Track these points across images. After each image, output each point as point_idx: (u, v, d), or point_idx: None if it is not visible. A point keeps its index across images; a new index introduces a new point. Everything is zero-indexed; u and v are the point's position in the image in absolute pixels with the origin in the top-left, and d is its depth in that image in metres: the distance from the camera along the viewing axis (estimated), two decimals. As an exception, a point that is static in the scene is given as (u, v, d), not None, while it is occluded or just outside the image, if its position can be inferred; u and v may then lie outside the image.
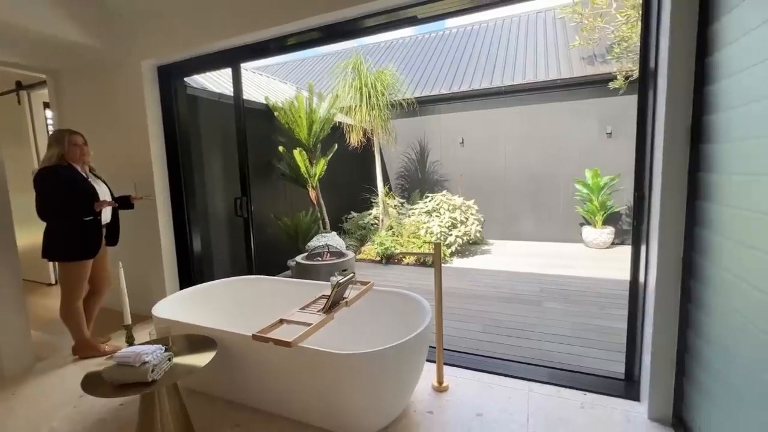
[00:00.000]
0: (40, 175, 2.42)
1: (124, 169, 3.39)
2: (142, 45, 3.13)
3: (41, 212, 2.43)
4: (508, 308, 3.65)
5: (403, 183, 7.93)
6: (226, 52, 3.01)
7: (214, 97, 4.13)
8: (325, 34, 2.66)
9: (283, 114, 4.91)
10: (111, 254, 2.90)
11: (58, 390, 2.32)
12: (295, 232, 4.65)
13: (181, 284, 3.52)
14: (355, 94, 6.06)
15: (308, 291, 2.52)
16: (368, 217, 6.74)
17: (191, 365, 1.61)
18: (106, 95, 3.40)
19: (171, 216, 3.45)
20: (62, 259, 2.54)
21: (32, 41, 2.91)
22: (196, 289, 2.66)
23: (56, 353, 2.83)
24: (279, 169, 5.11)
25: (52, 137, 2.58)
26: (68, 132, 2.56)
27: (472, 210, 6.13)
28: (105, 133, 3.46)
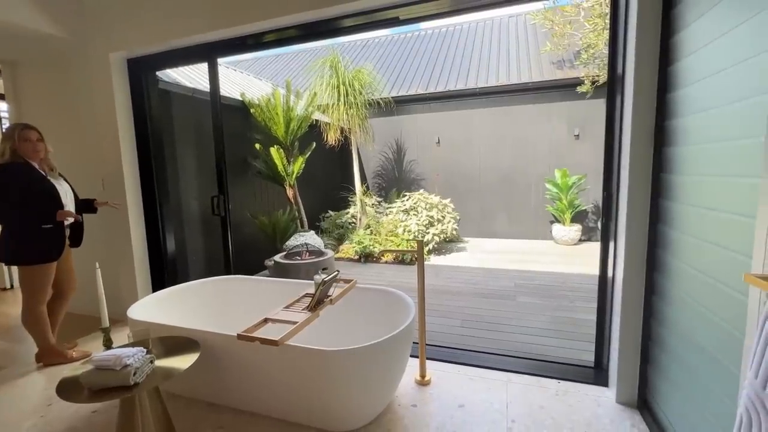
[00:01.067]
0: None
1: (91, 165, 3.23)
2: (110, 36, 2.99)
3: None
4: (486, 303, 3.77)
5: (380, 182, 7.97)
6: (202, 46, 2.93)
7: (188, 92, 4.00)
8: (303, 32, 2.65)
9: (259, 111, 4.82)
10: (80, 255, 2.76)
11: (23, 400, 2.19)
12: (272, 231, 4.58)
13: (153, 286, 3.40)
14: (333, 92, 6.03)
15: (290, 290, 2.51)
16: (346, 216, 6.73)
17: (173, 368, 1.58)
18: (71, 88, 3.22)
19: (142, 215, 3.32)
20: (23, 263, 2.39)
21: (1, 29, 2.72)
22: (173, 290, 2.58)
23: (17, 361, 2.67)
24: (255, 167, 5.02)
25: (5, 132, 2.41)
26: (20, 126, 2.38)
27: (449, 208, 6.26)
28: (69, 127, 3.28)
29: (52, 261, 2.44)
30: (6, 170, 2.28)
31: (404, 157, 7.72)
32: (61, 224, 2.46)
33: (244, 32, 2.72)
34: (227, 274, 3.19)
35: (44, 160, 2.46)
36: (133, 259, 3.24)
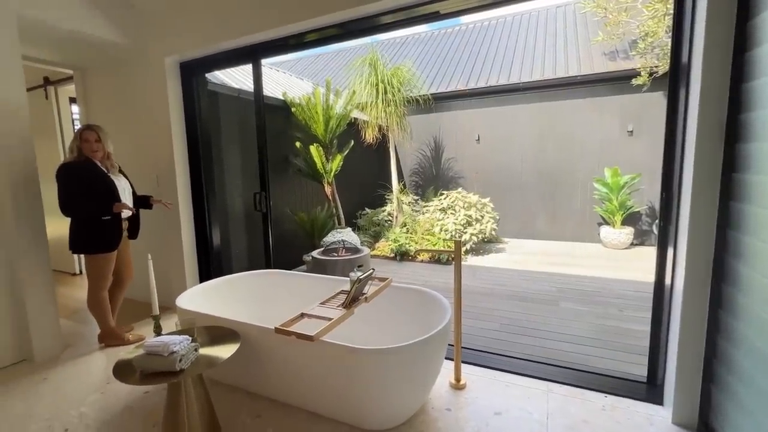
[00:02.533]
0: (59, 170, 2.49)
1: (147, 163, 3.47)
2: (165, 41, 3.18)
3: (60, 207, 2.50)
4: (525, 307, 3.62)
5: (417, 180, 7.91)
6: (246, 48, 3.04)
7: (234, 93, 4.18)
8: (343, 31, 2.67)
9: (300, 110, 4.94)
10: (136, 247, 2.98)
11: (86, 376, 2.40)
12: (311, 228, 4.69)
13: (200, 277, 3.59)
14: (371, 90, 6.05)
15: (326, 286, 2.55)
16: (382, 214, 6.75)
17: (215, 356, 1.65)
18: (131, 91, 3.47)
19: (191, 210, 3.52)
20: (87, 252, 2.62)
21: (60, 38, 3.00)
22: (218, 281, 2.71)
23: (83, 341, 2.93)
24: (295, 165, 5.15)
25: (75, 133, 2.65)
26: (82, 128, 2.61)
27: (488, 208, 6.08)
28: (129, 128, 3.55)
29: (111, 251, 2.65)
30: (71, 167, 2.51)
31: (442, 155, 7.60)
32: (118, 217, 2.66)
33: (286, 33, 2.79)
34: (267, 268, 3.31)
35: (105, 158, 2.66)
36: (182, 251, 3.45)
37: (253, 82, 3.17)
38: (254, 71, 3.15)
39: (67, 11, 2.75)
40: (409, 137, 6.65)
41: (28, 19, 2.57)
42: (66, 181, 2.48)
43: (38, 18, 2.60)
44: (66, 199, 2.49)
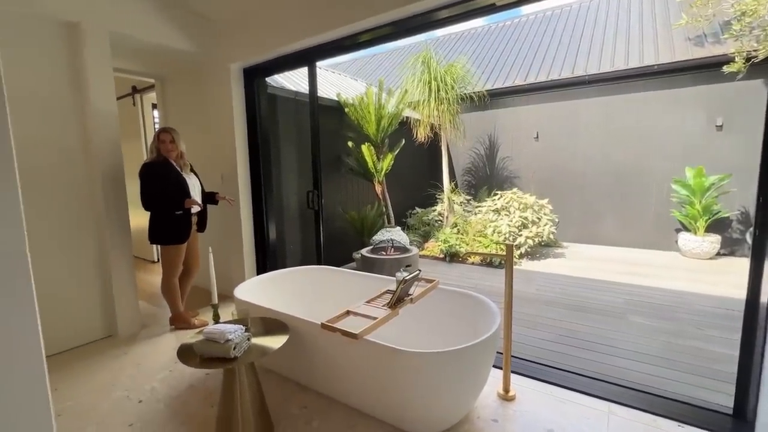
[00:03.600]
0: (141, 169, 2.80)
1: (214, 162, 3.76)
2: (231, 49, 3.42)
3: (142, 202, 2.81)
4: (585, 319, 3.35)
5: (470, 179, 7.69)
6: (302, 52, 3.16)
7: (291, 95, 4.37)
8: (397, 29, 2.65)
9: (353, 110, 5.03)
10: (203, 239, 3.25)
11: (158, 355, 2.67)
12: (361, 226, 4.77)
13: (257, 269, 3.82)
14: (424, 88, 5.99)
15: (373, 284, 2.56)
16: (432, 214, 6.66)
17: (266, 347, 1.73)
18: (201, 96, 3.78)
19: (251, 207, 3.75)
20: (162, 243, 2.91)
21: (145, 51, 3.35)
22: (272, 274, 2.86)
23: (157, 322, 3.26)
24: (347, 164, 5.26)
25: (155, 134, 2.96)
26: (159, 130, 2.90)
27: (546, 209, 5.72)
28: (199, 130, 3.87)
29: (182, 243, 2.92)
30: (150, 166, 2.81)
31: (497, 154, 7.30)
32: (188, 212, 2.92)
33: (341, 35, 2.85)
34: (318, 263, 3.42)
35: (178, 158, 2.93)
36: (242, 245, 3.69)
37: (308, 84, 3.29)
38: (309, 74, 3.27)
39: (151, 27, 3.07)
40: (462, 135, 6.48)
41: (119, 35, 2.90)
42: (146, 179, 2.78)
43: (127, 34, 2.93)
44: (146, 194, 2.78)
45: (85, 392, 2.23)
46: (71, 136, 2.74)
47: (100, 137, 2.80)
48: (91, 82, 2.73)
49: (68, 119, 2.72)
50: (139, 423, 1.95)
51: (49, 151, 2.64)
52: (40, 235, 2.60)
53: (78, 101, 2.75)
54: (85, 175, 2.81)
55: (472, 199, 7.06)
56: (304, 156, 4.57)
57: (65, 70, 2.69)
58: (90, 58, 2.71)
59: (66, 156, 2.72)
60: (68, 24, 2.67)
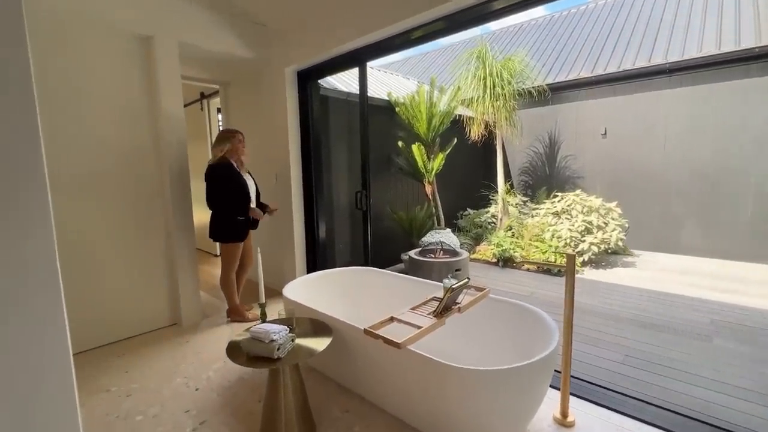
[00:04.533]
0: (208, 171, 2.98)
1: (269, 163, 3.92)
2: (286, 53, 3.53)
3: (208, 203, 3.01)
4: (660, 339, 2.96)
5: (527, 180, 7.26)
6: (354, 53, 3.16)
7: (342, 96, 4.42)
8: (451, 23, 2.53)
9: (403, 109, 4.97)
10: (258, 236, 3.41)
11: (215, 346, 2.83)
12: (409, 227, 4.70)
13: (307, 266, 3.92)
14: (478, 84, 5.74)
15: (420, 289, 2.48)
16: (485, 215, 6.38)
17: (310, 348, 1.73)
18: (258, 100, 3.96)
19: (302, 206, 3.85)
20: (222, 241, 3.09)
21: (210, 59, 3.58)
22: (320, 273, 2.89)
23: (217, 312, 3.47)
24: (397, 164, 5.22)
25: (221, 135, 3.12)
26: (235, 131, 3.12)
27: (614, 213, 5.20)
28: (256, 132, 4.06)
29: (241, 241, 3.09)
30: (215, 169, 3.00)
31: (558, 152, 6.80)
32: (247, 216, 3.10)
33: (392, 32, 2.79)
34: (365, 263, 3.42)
35: (239, 160, 3.12)
36: (293, 242, 3.80)
37: (358, 85, 3.29)
38: (359, 74, 3.26)
39: (215, 37, 3.26)
40: (519, 133, 6.12)
41: (187, 45, 3.12)
42: (212, 181, 2.99)
43: (194, 44, 3.14)
44: (212, 196, 3.00)
45: (150, 376, 2.43)
46: (143, 137, 3.00)
47: (169, 138, 3.03)
48: (162, 89, 2.96)
49: (141, 123, 2.98)
50: (195, 410, 2.07)
51: (124, 151, 2.91)
52: (114, 227, 2.88)
53: (150, 106, 3.01)
54: (154, 173, 3.06)
55: (529, 201, 6.66)
56: (354, 156, 4.60)
57: (140, 78, 2.95)
58: (161, 67, 2.95)
59: (138, 156, 2.98)
60: (143, 38, 2.92)
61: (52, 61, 2.55)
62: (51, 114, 2.55)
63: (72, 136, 2.66)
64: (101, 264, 2.83)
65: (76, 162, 2.68)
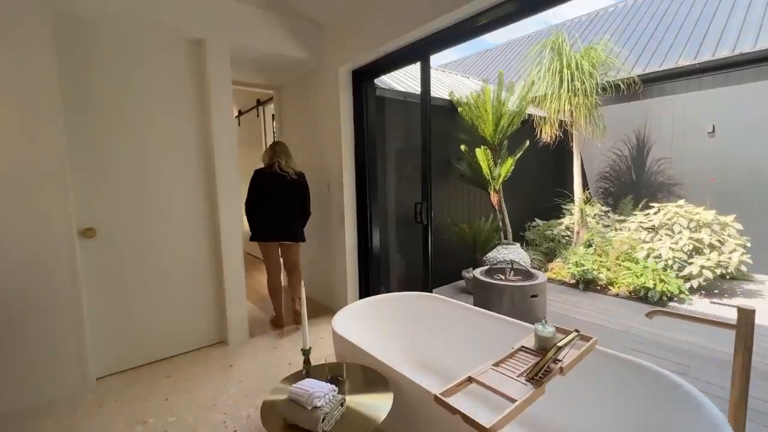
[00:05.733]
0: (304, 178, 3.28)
1: (322, 169, 3.65)
2: (340, 51, 3.23)
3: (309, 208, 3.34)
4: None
5: (606, 186, 6.32)
6: (414, 45, 2.77)
7: (400, 97, 4.04)
8: (521, 5, 2.08)
9: (467, 109, 4.47)
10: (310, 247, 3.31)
11: (259, 375, 2.56)
12: (472, 241, 4.17)
13: (359, 281, 3.57)
14: (553, 79, 5.05)
15: (496, 326, 2.00)
16: (558, 228, 5.61)
17: (364, 416, 1.34)
18: (311, 104, 3.72)
19: (356, 217, 3.52)
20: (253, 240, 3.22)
21: (263, 62, 3.39)
22: (375, 300, 2.51)
23: (264, 331, 3.26)
24: (458, 170, 4.71)
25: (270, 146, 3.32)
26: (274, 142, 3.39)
27: (731, 230, 4.21)
28: (310, 137, 3.83)
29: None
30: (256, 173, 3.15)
31: (648, 155, 5.82)
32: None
33: (457, 19, 2.38)
34: (425, 282, 2.99)
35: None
36: (345, 254, 3.48)
37: (420, 82, 2.87)
38: (422, 70, 2.84)
39: (267, 37, 3.06)
40: (602, 133, 5.28)
41: (240, 46, 2.94)
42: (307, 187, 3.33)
43: (247, 45, 2.95)
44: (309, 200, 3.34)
45: (190, 407, 2.20)
46: (194, 142, 2.85)
47: (221, 144, 2.85)
48: (212, 93, 2.80)
49: (191, 127, 2.84)
50: (230, 460, 1.77)
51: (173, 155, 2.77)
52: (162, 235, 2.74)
53: (201, 110, 2.85)
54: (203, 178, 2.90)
55: (611, 211, 5.75)
56: (412, 162, 4.19)
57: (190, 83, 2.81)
58: (213, 71, 2.78)
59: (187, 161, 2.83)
60: (195, 41, 2.78)
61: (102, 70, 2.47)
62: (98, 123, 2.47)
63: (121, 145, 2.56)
64: (151, 275, 2.70)
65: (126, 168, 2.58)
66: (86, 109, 2.43)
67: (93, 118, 2.45)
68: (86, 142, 2.43)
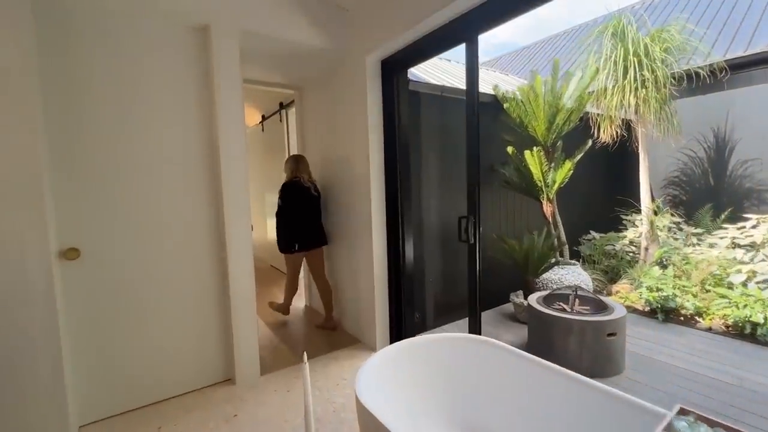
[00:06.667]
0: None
1: (347, 176, 3.18)
2: (366, 37, 2.74)
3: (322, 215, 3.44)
4: None
5: (676, 193, 5.42)
6: (458, 23, 2.23)
7: (437, 92, 3.49)
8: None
9: (513, 105, 3.84)
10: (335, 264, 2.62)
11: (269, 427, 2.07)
12: (524, 259, 3.51)
13: (390, 306, 3.03)
14: (614, 69, 4.32)
15: (590, 398, 1.39)
16: (620, 242, 4.81)
17: None
18: (334, 102, 3.26)
19: (385, 230, 2.99)
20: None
21: (280, 54, 2.97)
22: (410, 345, 1.94)
23: (279, 365, 2.78)
24: (503, 175, 4.07)
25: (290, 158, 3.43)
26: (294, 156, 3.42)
27: None
28: (332, 139, 3.36)
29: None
30: (286, 187, 3.25)
31: (730, 156, 4.90)
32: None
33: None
34: (472, 314, 2.41)
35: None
36: (373, 275, 2.95)
37: (465, 72, 2.31)
38: (468, 55, 2.28)
39: (283, 22, 2.63)
40: (676, 130, 4.46)
41: (251, 34, 2.51)
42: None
43: (259, 32, 2.53)
44: None
45: (175, 480, 1.74)
46: (198, 147, 2.44)
47: (227, 148, 2.42)
48: (219, 88, 2.37)
49: (196, 130, 2.43)
50: None
51: (174, 163, 2.37)
52: (159, 255, 2.33)
53: (206, 110, 2.45)
54: (208, 187, 2.48)
55: (684, 222, 4.89)
56: (449, 167, 3.62)
57: (194, 77, 2.40)
58: (219, 63, 2.36)
59: (190, 169, 2.42)
60: (198, 28, 2.38)
61: (91, 63, 2.10)
62: (86, 124, 2.10)
63: (112, 150, 2.18)
64: (145, 302, 2.29)
65: (117, 178, 2.20)
66: (72, 108, 2.06)
67: (80, 119, 2.09)
68: (71, 146, 2.06)
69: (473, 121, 2.31)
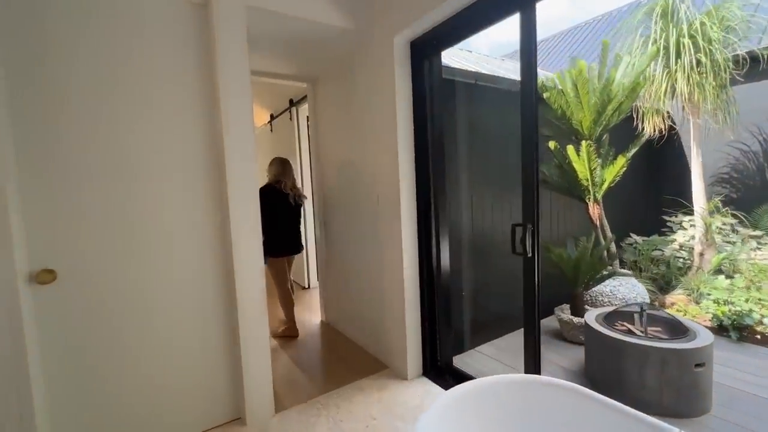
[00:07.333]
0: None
1: (368, 176, 2.77)
2: (393, 13, 2.34)
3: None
4: None
5: (727, 191, 4.91)
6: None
7: (470, 80, 3.06)
8: None
9: (554, 94, 3.40)
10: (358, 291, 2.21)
11: None
12: (573, 270, 3.06)
13: (422, 325, 2.61)
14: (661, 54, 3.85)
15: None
16: (670, 246, 4.33)
17: None
18: (355, 93, 2.86)
19: (416, 237, 2.58)
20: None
21: (294, 39, 2.58)
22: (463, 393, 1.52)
23: (294, 401, 2.37)
24: (542, 174, 3.62)
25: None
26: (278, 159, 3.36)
27: None
28: (351, 138, 2.97)
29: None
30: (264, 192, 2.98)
31: (791, 149, 4.39)
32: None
33: None
34: (527, 337, 2.01)
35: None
36: (403, 289, 2.54)
37: (520, 48, 1.89)
38: (522, 27, 1.87)
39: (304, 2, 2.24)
40: (733, 122, 3.97)
41: (261, 11, 2.13)
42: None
43: (268, 8, 2.14)
44: None
45: None
46: (199, 147, 2.06)
47: (232, 149, 2.03)
48: (222, 75, 1.99)
49: (197, 125, 2.05)
50: None
51: (170, 167, 1.99)
52: (152, 275, 1.95)
53: (208, 102, 2.06)
54: (210, 193, 2.09)
55: (741, 223, 4.38)
56: (486, 165, 3.19)
57: (193, 61, 2.02)
58: (223, 45, 1.98)
59: (190, 174, 2.04)
60: (198, 4, 2.00)
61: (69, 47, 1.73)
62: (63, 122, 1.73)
63: (94, 152, 1.81)
64: (135, 331, 1.92)
65: (102, 184, 1.82)
66: (44, 102, 1.69)
67: (55, 116, 1.71)
68: (44, 148, 1.69)
69: (530, 112, 1.89)
